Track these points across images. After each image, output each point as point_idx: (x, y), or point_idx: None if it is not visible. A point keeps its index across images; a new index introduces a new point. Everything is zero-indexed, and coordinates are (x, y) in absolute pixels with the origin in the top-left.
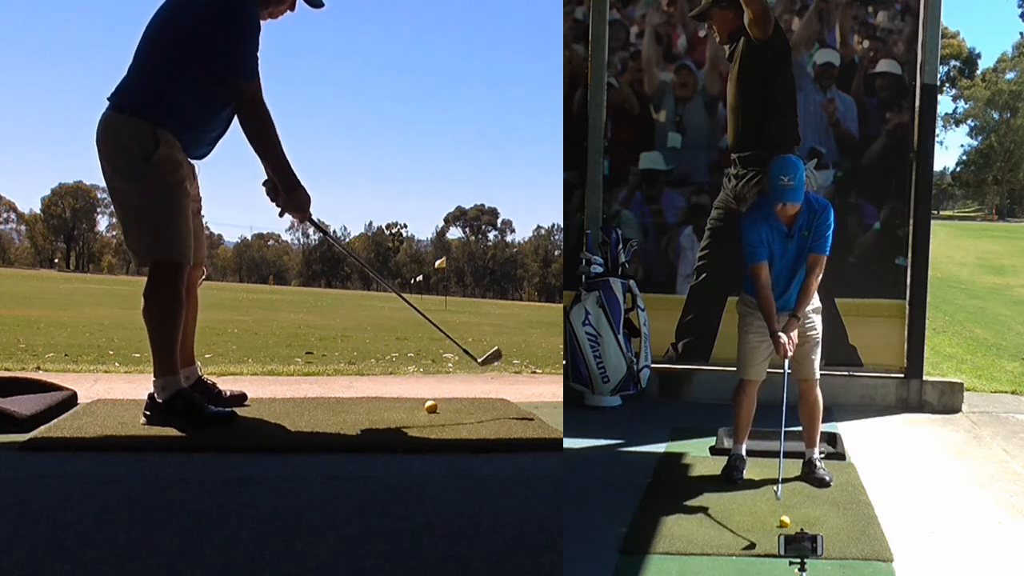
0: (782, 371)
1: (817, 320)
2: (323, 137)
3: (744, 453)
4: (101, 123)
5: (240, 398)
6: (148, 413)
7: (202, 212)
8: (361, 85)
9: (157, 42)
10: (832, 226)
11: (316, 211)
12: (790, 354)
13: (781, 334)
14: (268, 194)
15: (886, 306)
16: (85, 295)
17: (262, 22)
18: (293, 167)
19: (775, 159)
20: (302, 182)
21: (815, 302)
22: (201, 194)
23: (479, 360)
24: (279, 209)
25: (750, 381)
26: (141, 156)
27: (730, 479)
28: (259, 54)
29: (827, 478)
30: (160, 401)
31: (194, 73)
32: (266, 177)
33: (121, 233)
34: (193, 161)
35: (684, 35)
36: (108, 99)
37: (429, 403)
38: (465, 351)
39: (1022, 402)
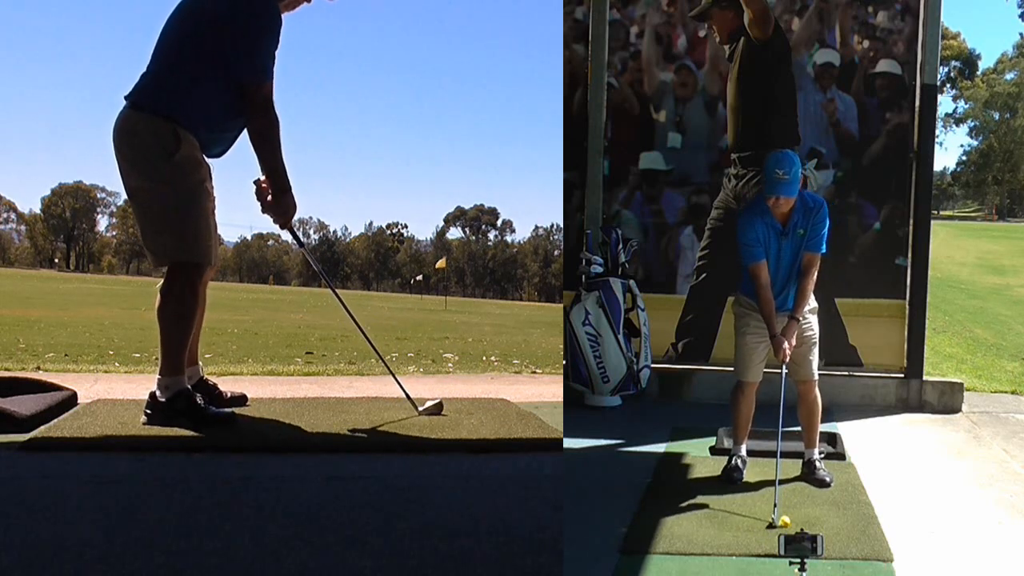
0: (780, 371)
1: (814, 320)
2: (323, 137)
3: (744, 453)
4: (119, 122)
5: (240, 399)
6: (149, 412)
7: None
8: (361, 85)
9: (177, 40)
10: (828, 224)
11: (317, 211)
12: (788, 359)
13: (781, 338)
14: (256, 193)
15: (886, 306)
16: (85, 295)
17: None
18: (288, 172)
19: (771, 153)
20: (293, 188)
21: (812, 302)
22: (215, 194)
23: (419, 409)
24: (261, 208)
25: (748, 383)
26: (162, 155)
27: (730, 479)
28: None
29: (827, 478)
30: (162, 400)
31: (213, 71)
32: (260, 177)
33: (138, 232)
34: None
35: (684, 35)
36: (125, 98)
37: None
38: (407, 396)
39: (1022, 402)
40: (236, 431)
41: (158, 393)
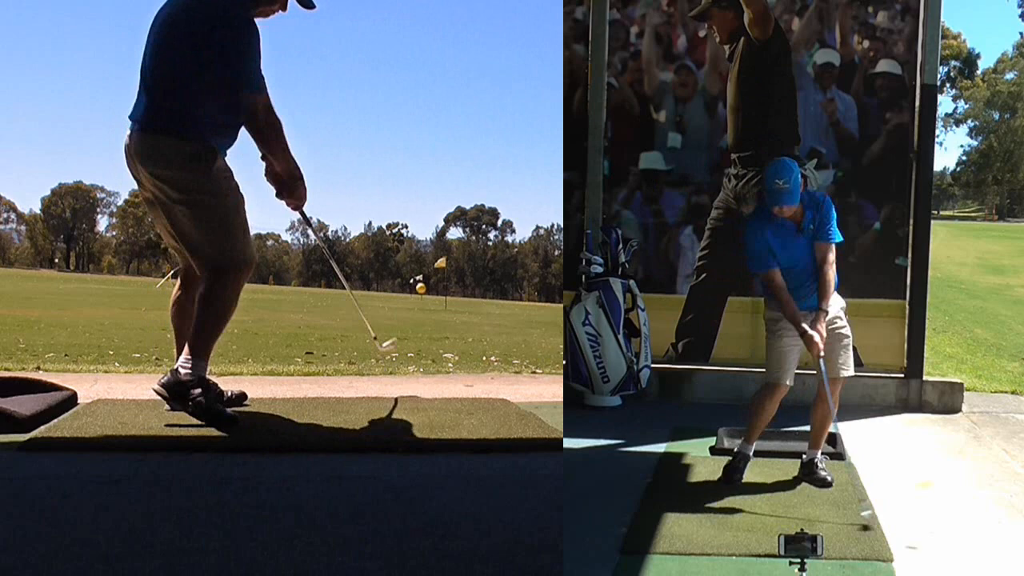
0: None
1: (845, 319)
2: (323, 137)
3: (751, 453)
4: (142, 147)
5: (240, 398)
6: (165, 395)
7: None
8: (361, 85)
9: (172, 58)
10: (834, 214)
11: (316, 211)
12: (822, 352)
13: (811, 331)
14: (272, 183)
15: (886, 306)
16: (85, 295)
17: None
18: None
19: (770, 163)
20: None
21: (841, 300)
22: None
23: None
24: (277, 193)
25: (783, 386)
26: (203, 170)
27: (731, 479)
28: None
29: (828, 478)
30: (184, 380)
31: (215, 90)
32: (267, 171)
33: (182, 242)
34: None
35: (684, 35)
36: (137, 120)
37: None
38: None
39: (1022, 402)
40: (236, 431)
41: (181, 371)
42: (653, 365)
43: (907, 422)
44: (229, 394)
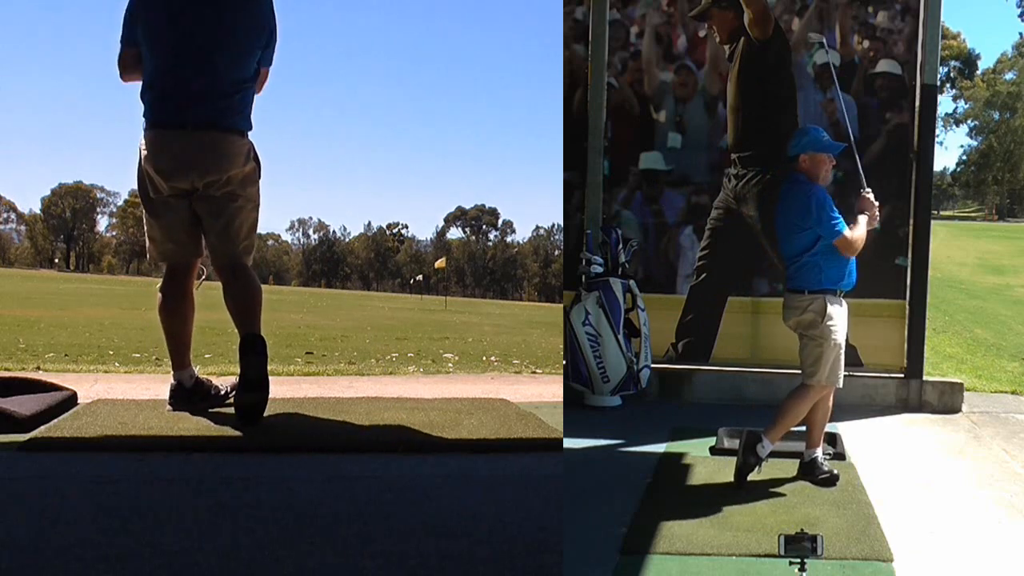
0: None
1: (821, 322)
2: (323, 136)
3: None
4: (204, 144)
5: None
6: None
7: None
8: (361, 85)
9: (217, 50)
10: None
11: (316, 210)
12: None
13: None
14: None
15: (886, 306)
16: (85, 295)
17: None
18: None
19: (802, 130)
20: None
21: (834, 305)
22: None
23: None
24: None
25: (833, 386)
26: (253, 165)
27: (743, 476)
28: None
29: (832, 476)
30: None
31: (254, 73)
32: None
33: (221, 238)
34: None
35: (684, 35)
36: (181, 117)
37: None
38: None
39: (1022, 402)
40: (236, 431)
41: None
42: (653, 365)
43: (907, 422)
44: (224, 390)
